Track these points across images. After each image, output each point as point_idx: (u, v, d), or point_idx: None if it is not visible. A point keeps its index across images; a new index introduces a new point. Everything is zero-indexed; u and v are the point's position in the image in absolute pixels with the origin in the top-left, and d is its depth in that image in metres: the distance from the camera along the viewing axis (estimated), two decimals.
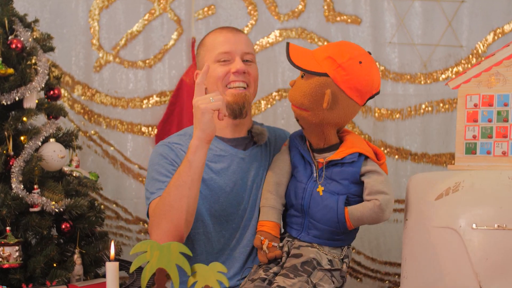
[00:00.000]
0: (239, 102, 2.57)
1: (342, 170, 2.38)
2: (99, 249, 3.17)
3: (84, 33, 4.04)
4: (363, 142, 2.47)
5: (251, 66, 2.63)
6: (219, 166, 2.59)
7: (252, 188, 2.62)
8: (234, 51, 2.58)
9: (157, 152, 2.59)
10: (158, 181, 2.50)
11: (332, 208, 2.36)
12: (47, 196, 3.00)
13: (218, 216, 2.58)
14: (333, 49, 2.34)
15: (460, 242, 2.28)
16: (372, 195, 2.33)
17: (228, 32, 2.62)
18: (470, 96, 2.54)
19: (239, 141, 2.67)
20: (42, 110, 3.20)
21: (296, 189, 2.47)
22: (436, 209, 2.36)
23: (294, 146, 2.56)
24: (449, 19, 4.06)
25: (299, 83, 2.37)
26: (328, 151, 2.45)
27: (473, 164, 2.52)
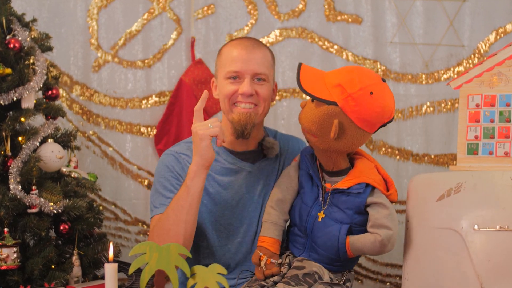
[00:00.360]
0: (242, 122, 2.52)
1: (347, 200, 2.35)
2: (98, 251, 3.17)
3: (83, 33, 4.04)
4: (373, 169, 2.42)
5: (263, 86, 2.54)
6: (226, 180, 2.59)
7: (260, 202, 2.61)
8: (245, 71, 2.51)
9: (163, 162, 2.59)
10: (162, 196, 2.52)
11: (334, 236, 2.34)
12: (45, 197, 3.00)
13: (222, 230, 2.59)
14: (345, 77, 2.27)
15: (462, 243, 2.28)
16: (374, 228, 2.31)
17: (242, 49, 2.53)
18: (472, 96, 2.53)
19: (248, 154, 2.65)
20: (40, 110, 3.20)
21: (300, 210, 2.45)
22: (437, 210, 2.36)
23: (304, 164, 2.51)
24: (451, 18, 4.06)
25: (309, 108, 2.33)
26: (337, 175, 2.42)
27: (475, 165, 2.52)
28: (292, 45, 4.12)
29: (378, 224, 2.30)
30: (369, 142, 4.09)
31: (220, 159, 2.59)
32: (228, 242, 2.60)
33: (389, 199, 2.37)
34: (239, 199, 2.59)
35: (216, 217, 2.57)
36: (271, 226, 2.48)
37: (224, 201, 2.57)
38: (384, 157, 4.09)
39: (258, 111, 2.55)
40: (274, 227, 2.48)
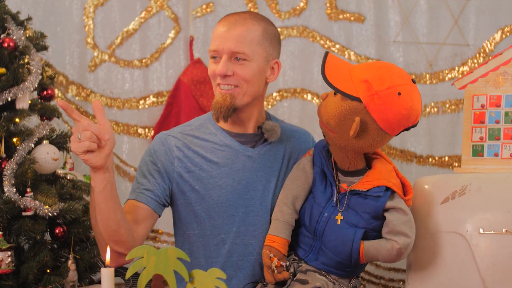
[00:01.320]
0: (217, 104, 2.41)
1: (365, 203, 2.27)
2: (94, 255, 3.17)
3: (79, 32, 4.04)
4: (392, 172, 2.36)
5: (242, 66, 2.40)
6: (219, 160, 2.47)
7: (260, 190, 2.48)
8: (221, 49, 2.39)
9: (150, 145, 2.52)
10: (137, 182, 2.45)
11: (348, 241, 2.26)
12: (40, 200, 3.00)
13: (216, 218, 2.45)
14: (373, 73, 2.19)
15: (466, 247, 2.28)
16: (391, 235, 2.24)
17: (224, 26, 2.41)
18: (477, 96, 2.54)
19: (247, 137, 2.52)
20: (35, 111, 3.20)
21: (312, 210, 2.35)
22: (441, 213, 2.36)
23: (318, 160, 2.42)
24: (456, 17, 4.06)
25: (330, 101, 2.25)
26: (353, 176, 2.35)
27: (480, 167, 2.52)
28: (293, 44, 4.12)
29: (396, 230, 2.23)
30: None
31: (216, 139, 2.49)
32: (221, 231, 2.46)
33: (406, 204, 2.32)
34: (236, 184, 2.46)
35: (208, 204, 2.45)
36: (284, 226, 2.37)
37: (218, 186, 2.44)
38: None
39: (239, 92, 2.41)
40: (286, 227, 2.37)
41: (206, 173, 2.45)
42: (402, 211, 2.26)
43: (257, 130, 2.55)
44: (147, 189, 2.41)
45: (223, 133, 2.50)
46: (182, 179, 2.45)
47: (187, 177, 2.44)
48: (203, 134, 2.50)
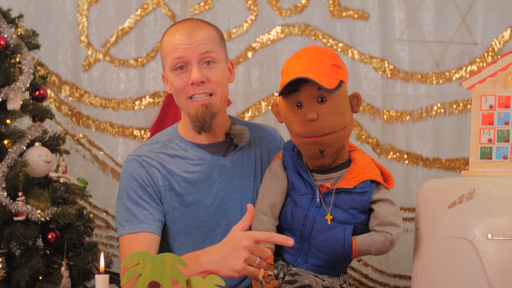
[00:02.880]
0: (200, 115, 2.41)
1: (352, 199, 2.31)
2: (88, 261, 3.17)
3: (72, 30, 4.05)
4: (372, 163, 2.41)
5: (213, 70, 2.42)
6: (196, 177, 2.47)
7: (238, 199, 2.51)
8: (190, 56, 2.39)
9: (126, 170, 2.47)
10: (127, 210, 2.41)
11: (339, 239, 2.30)
12: (32, 204, 3.00)
13: (197, 234, 2.48)
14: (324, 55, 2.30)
15: (474, 253, 2.28)
16: (383, 227, 2.29)
17: (182, 34, 2.41)
18: (485, 97, 2.54)
19: (217, 146, 2.54)
20: (27, 112, 3.21)
21: (294, 214, 2.38)
22: (448, 218, 2.36)
23: (290, 163, 2.45)
24: (463, 14, 4.07)
25: (326, 109, 2.26)
26: (336, 170, 2.37)
27: (489, 170, 2.52)
28: (295, 43, 4.12)
29: (387, 222, 2.29)
30: (376, 146, 4.10)
31: (188, 155, 2.49)
32: (204, 246, 2.35)
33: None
34: (214, 197, 2.48)
35: (189, 220, 2.46)
36: None
37: (196, 202, 2.46)
38: (392, 162, 4.10)
39: (215, 100, 2.43)
40: None
41: (183, 190, 2.46)
42: (389, 201, 2.32)
43: (225, 137, 2.56)
44: (148, 218, 2.39)
45: (193, 147, 2.52)
46: (167, 199, 2.45)
47: (168, 196, 2.45)
48: (174, 151, 2.50)
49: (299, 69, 2.26)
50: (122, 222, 2.40)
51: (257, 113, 4.12)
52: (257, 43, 4.09)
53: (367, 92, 4.09)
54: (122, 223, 2.40)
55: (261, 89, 4.11)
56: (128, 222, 2.39)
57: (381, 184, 2.34)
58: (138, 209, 2.40)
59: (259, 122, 4.06)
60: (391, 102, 4.11)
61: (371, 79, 4.12)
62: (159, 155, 2.48)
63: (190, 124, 2.47)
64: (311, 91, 2.25)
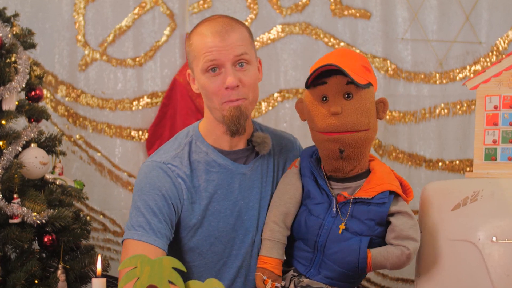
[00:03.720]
0: (235, 117, 2.36)
1: (369, 210, 2.27)
2: (85, 264, 3.17)
3: (69, 29, 4.05)
4: (391, 174, 2.37)
5: (246, 71, 2.38)
6: (216, 185, 2.44)
7: (256, 208, 2.48)
8: (224, 58, 2.34)
9: (148, 176, 2.42)
10: (143, 216, 2.35)
11: (354, 251, 2.26)
12: (28, 207, 3.00)
13: (217, 244, 2.46)
14: (356, 57, 2.30)
15: (479, 256, 2.28)
16: (399, 240, 2.25)
17: (215, 36, 2.35)
18: (489, 97, 2.54)
19: (239, 153, 2.50)
20: (22, 113, 3.20)
21: (309, 223, 2.34)
22: (452, 220, 2.36)
23: (307, 170, 2.42)
24: (467, 13, 4.07)
25: (351, 105, 2.24)
26: (354, 180, 2.34)
27: (493, 172, 2.52)
28: (295, 42, 4.13)
29: (404, 235, 2.25)
30: (379, 147, 4.10)
31: (209, 159, 2.45)
32: (223, 256, 2.47)
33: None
34: (233, 207, 2.45)
35: (210, 230, 2.44)
36: (275, 245, 2.38)
37: (216, 212, 2.43)
38: (395, 163, 4.10)
39: (247, 103, 2.40)
40: (278, 246, 2.38)
41: (205, 200, 2.43)
42: (408, 214, 2.28)
43: (247, 143, 2.52)
44: (161, 233, 2.34)
45: (215, 151, 2.47)
46: (188, 212, 2.41)
47: (191, 209, 2.41)
48: (195, 155, 2.45)
49: (330, 62, 2.24)
50: (134, 226, 2.35)
51: (257, 114, 4.12)
52: (257, 42, 4.09)
53: None
54: (135, 227, 2.35)
55: (261, 89, 4.02)
56: (141, 228, 2.33)
57: (400, 196, 2.30)
58: (153, 218, 2.34)
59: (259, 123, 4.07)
60: (393, 103, 4.12)
61: None
62: (183, 161, 2.43)
63: (221, 128, 2.42)
64: (339, 85, 2.24)
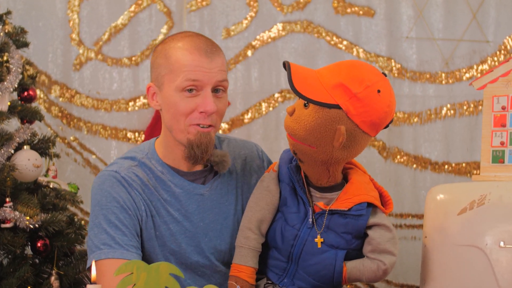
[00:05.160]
0: (203, 145, 2.31)
1: (346, 223, 2.24)
2: (79, 270, 3.17)
3: (63, 27, 4.05)
4: (370, 183, 2.33)
5: (221, 99, 2.33)
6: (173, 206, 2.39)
7: (217, 230, 2.43)
8: (207, 81, 2.27)
9: (104, 188, 2.35)
10: (105, 232, 2.30)
11: (330, 265, 2.24)
12: (21, 211, 3.00)
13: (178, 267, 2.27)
14: (346, 74, 2.16)
15: (486, 262, 2.28)
16: (376, 254, 2.22)
17: (202, 55, 2.28)
18: (497, 97, 2.54)
19: (197, 174, 2.43)
20: (15, 114, 3.21)
21: (284, 232, 2.30)
22: (459, 225, 2.37)
23: (287, 177, 2.36)
24: (474, 10, 4.07)
25: (301, 114, 2.18)
26: (330, 191, 2.29)
27: (501, 175, 2.52)
28: (297, 41, 4.13)
29: (381, 249, 2.22)
30: (383, 149, 4.10)
31: (165, 179, 2.39)
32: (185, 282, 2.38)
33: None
34: (194, 228, 2.40)
35: (169, 250, 2.39)
36: (250, 253, 2.32)
37: (175, 233, 2.38)
38: (399, 166, 4.10)
39: (216, 129, 2.36)
40: (252, 254, 2.32)
41: (161, 219, 2.38)
42: (386, 227, 2.24)
43: (204, 165, 2.45)
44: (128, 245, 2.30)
45: (171, 171, 2.41)
46: (147, 225, 2.36)
47: (149, 223, 2.36)
48: (151, 173, 2.39)
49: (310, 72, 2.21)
50: (98, 245, 2.29)
51: (257, 114, 4.12)
52: (257, 41, 4.09)
53: None
54: (99, 246, 2.29)
55: (261, 89, 4.11)
56: (106, 246, 2.28)
57: (378, 207, 2.26)
58: (116, 233, 2.29)
59: (258, 123, 4.08)
60: (398, 103, 4.10)
61: None
62: (139, 174, 2.38)
63: (181, 152, 2.36)
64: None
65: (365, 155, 3.64)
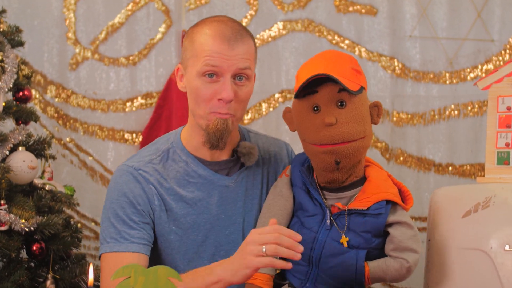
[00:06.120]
0: (219, 131, 2.31)
1: (365, 221, 2.24)
2: (76, 274, 3.17)
3: (58, 26, 4.05)
4: (388, 180, 2.34)
5: (243, 87, 2.34)
6: (195, 197, 2.40)
7: (240, 223, 2.45)
8: (226, 68, 2.29)
9: (118, 182, 2.41)
10: (113, 226, 2.34)
11: (351, 266, 2.23)
12: (16, 213, 3.00)
13: (196, 261, 2.40)
14: (345, 59, 2.25)
15: (491, 266, 2.28)
16: (399, 252, 2.23)
17: (223, 42, 2.29)
18: (502, 97, 2.54)
19: (221, 164, 2.45)
20: (10, 114, 3.21)
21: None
22: (463, 228, 2.37)
23: (299, 180, 2.38)
24: (479, 9, 4.07)
25: (345, 114, 2.19)
26: (349, 189, 2.30)
27: (506, 176, 2.52)
28: (297, 40, 4.13)
29: (403, 247, 2.22)
30: (385, 151, 4.11)
31: (188, 169, 2.41)
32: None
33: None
34: (214, 221, 2.41)
35: (188, 244, 2.39)
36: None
37: (195, 225, 2.39)
38: (402, 167, 4.10)
39: (235, 119, 2.36)
40: None
41: (181, 211, 2.39)
42: (407, 224, 2.25)
43: (231, 154, 2.48)
44: (134, 237, 2.33)
45: (195, 161, 2.43)
46: (161, 220, 2.38)
47: (165, 217, 2.38)
48: (173, 163, 2.42)
49: (318, 69, 2.21)
50: (106, 238, 2.35)
51: (257, 115, 4.13)
52: (257, 40, 4.09)
53: (375, 92, 4.10)
54: (107, 239, 2.35)
55: (261, 89, 4.11)
56: (112, 239, 2.33)
57: (398, 204, 2.26)
58: (123, 227, 2.33)
59: (258, 124, 4.07)
60: (401, 104, 4.12)
61: (380, 78, 4.12)
62: (158, 168, 2.40)
63: (201, 137, 2.37)
64: (330, 93, 2.19)
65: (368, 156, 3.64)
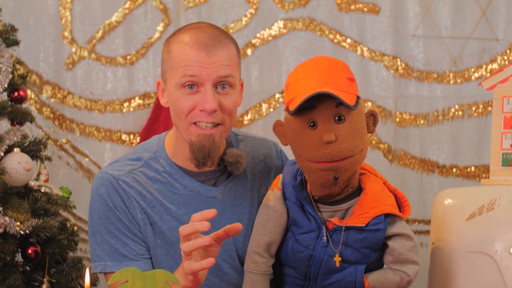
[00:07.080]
0: (205, 148, 2.24)
1: (364, 238, 2.20)
2: (72, 278, 3.17)
3: (54, 24, 4.05)
4: (385, 190, 2.29)
5: (228, 96, 2.25)
6: (182, 212, 2.32)
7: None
8: (206, 76, 2.20)
9: (100, 194, 2.33)
10: (107, 243, 2.29)
11: (350, 281, 2.21)
12: (11, 216, 3.00)
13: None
14: (339, 68, 2.20)
15: (495, 269, 2.28)
16: (398, 265, 2.21)
17: (200, 50, 2.20)
18: (507, 98, 2.54)
19: (208, 174, 2.37)
20: (5, 115, 3.21)
21: (297, 253, 2.27)
22: (467, 231, 2.37)
23: (292, 195, 2.31)
24: (483, 8, 4.08)
25: (344, 129, 2.13)
26: (345, 201, 2.25)
27: (511, 178, 2.53)
28: (298, 39, 4.13)
29: (403, 259, 2.21)
30: (388, 152, 4.11)
31: (173, 181, 2.34)
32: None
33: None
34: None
35: (175, 259, 2.31)
36: (259, 278, 2.30)
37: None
38: (405, 169, 4.10)
39: (222, 130, 2.27)
40: (262, 279, 2.30)
41: (167, 225, 2.33)
42: (406, 236, 2.22)
43: (218, 163, 2.40)
44: (132, 253, 2.29)
45: (179, 172, 2.36)
46: (147, 234, 2.32)
47: (150, 231, 2.32)
48: (156, 174, 2.34)
49: (313, 83, 2.14)
50: (102, 256, 2.29)
51: (257, 115, 4.12)
52: (257, 39, 4.10)
53: (377, 92, 4.10)
54: (103, 257, 2.29)
55: (261, 89, 4.11)
56: (110, 257, 2.29)
57: (396, 215, 2.22)
58: (118, 244, 2.28)
59: (259, 125, 4.07)
60: (404, 104, 4.12)
61: (382, 78, 4.12)
62: (140, 179, 2.33)
63: (187, 152, 2.30)
64: (328, 108, 2.12)
65: (370, 158, 3.64)
